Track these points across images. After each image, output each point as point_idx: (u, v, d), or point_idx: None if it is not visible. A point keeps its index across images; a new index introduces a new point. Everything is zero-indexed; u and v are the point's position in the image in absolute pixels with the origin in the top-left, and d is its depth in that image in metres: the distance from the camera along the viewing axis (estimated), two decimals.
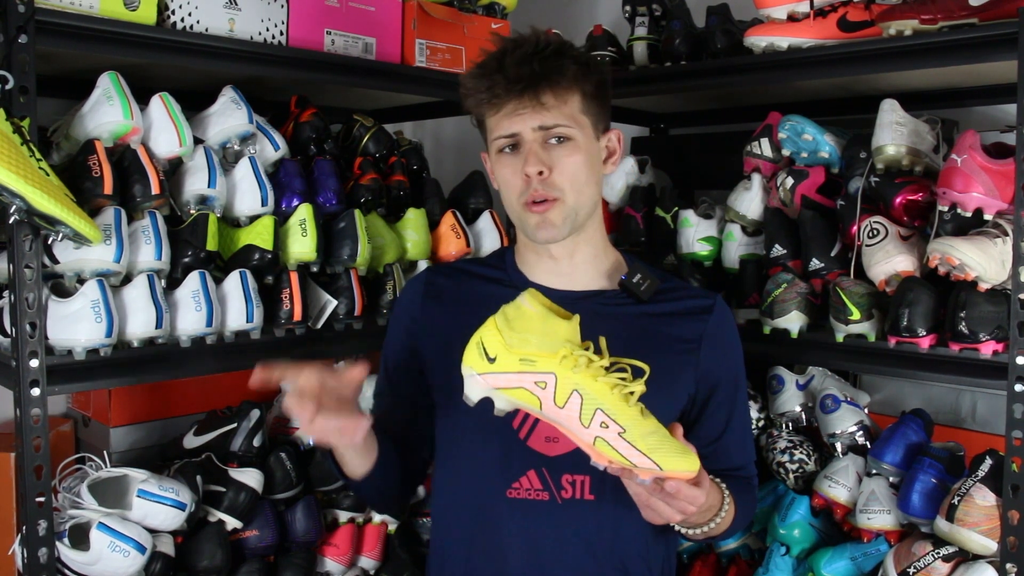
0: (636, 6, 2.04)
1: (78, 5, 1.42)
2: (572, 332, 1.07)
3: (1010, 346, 1.41)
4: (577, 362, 1.05)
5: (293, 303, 1.64)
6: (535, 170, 1.24)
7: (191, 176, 1.58)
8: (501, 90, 1.24)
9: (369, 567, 1.84)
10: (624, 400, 1.07)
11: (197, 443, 1.74)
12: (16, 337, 1.36)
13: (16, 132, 1.29)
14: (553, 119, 1.25)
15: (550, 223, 1.27)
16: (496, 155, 1.30)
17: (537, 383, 1.06)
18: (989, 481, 1.42)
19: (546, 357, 1.06)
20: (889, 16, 1.54)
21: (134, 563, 1.45)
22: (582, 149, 1.28)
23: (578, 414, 1.06)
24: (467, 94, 1.30)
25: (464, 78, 1.31)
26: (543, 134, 1.26)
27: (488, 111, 1.29)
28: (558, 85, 1.25)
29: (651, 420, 1.08)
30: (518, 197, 1.28)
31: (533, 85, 1.24)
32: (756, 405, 1.85)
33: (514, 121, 1.26)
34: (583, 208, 1.30)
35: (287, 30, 1.68)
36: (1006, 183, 1.44)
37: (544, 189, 1.25)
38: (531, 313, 1.07)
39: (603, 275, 1.37)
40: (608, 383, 1.06)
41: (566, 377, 1.06)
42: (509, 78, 1.24)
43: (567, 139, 1.27)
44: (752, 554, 1.84)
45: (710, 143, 2.35)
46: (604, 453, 1.07)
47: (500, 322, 1.08)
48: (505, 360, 1.07)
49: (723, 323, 1.37)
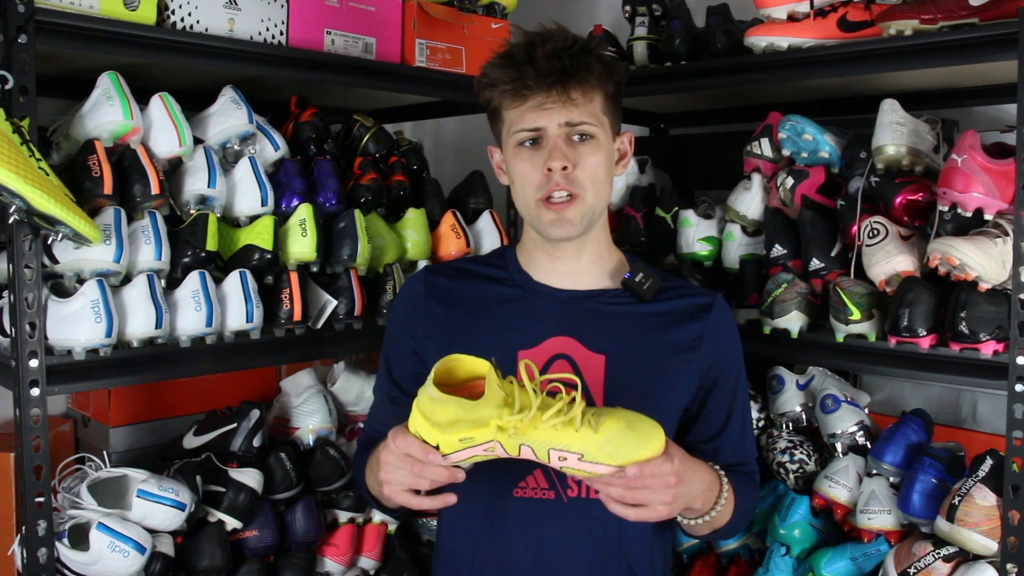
0: (636, 6, 2.04)
1: (78, 5, 1.41)
2: (492, 396, 1.05)
3: (1010, 346, 1.41)
4: (511, 426, 1.04)
5: (293, 303, 1.64)
6: (559, 164, 1.24)
7: (191, 176, 1.58)
8: (532, 82, 1.23)
9: (369, 567, 1.84)
10: (570, 428, 1.06)
11: (197, 443, 1.74)
12: (16, 337, 1.36)
13: (16, 132, 1.29)
14: (580, 116, 1.25)
15: (567, 221, 1.27)
16: (514, 148, 1.29)
17: (486, 449, 1.08)
18: (989, 481, 1.42)
19: (480, 431, 1.05)
20: (889, 16, 1.54)
21: (134, 563, 1.44)
22: (603, 148, 1.28)
23: (534, 456, 1.08)
24: (488, 84, 1.28)
25: (487, 67, 1.29)
26: (569, 130, 1.26)
27: (511, 103, 1.27)
28: (586, 83, 1.25)
29: (604, 427, 1.07)
30: (535, 192, 1.28)
31: (563, 80, 1.23)
32: (756, 405, 1.85)
33: (540, 115, 1.25)
34: (599, 207, 1.31)
35: (287, 30, 1.68)
36: (1006, 183, 1.44)
37: (566, 183, 1.25)
38: (443, 404, 1.05)
39: (607, 274, 1.37)
40: (549, 426, 1.05)
41: (507, 439, 1.06)
42: (539, 71, 1.23)
43: (590, 137, 1.27)
44: (752, 554, 1.84)
45: (710, 143, 2.35)
46: (575, 474, 1.10)
47: (425, 413, 1.07)
48: (448, 444, 1.07)
49: (723, 321, 1.38)
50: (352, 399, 1.95)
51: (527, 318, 1.33)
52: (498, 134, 1.34)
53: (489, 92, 1.29)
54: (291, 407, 1.85)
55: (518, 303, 1.35)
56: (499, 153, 1.37)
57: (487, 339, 1.32)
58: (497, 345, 1.30)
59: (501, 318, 1.34)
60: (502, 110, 1.30)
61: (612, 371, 1.29)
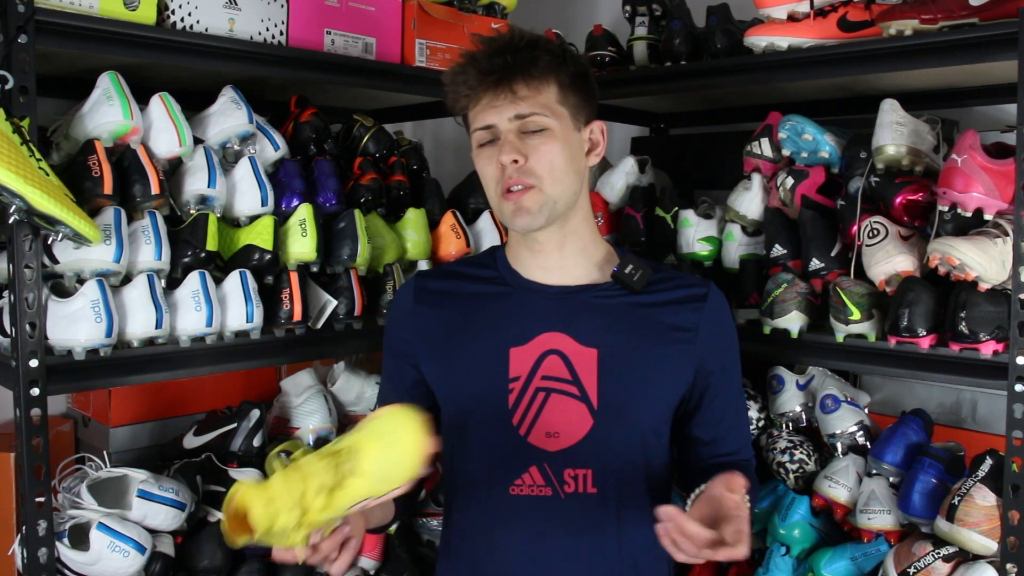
0: (636, 6, 2.04)
1: (78, 5, 1.41)
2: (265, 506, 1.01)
3: (1010, 346, 1.41)
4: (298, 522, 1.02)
5: (293, 303, 1.64)
6: (509, 158, 1.25)
7: (191, 176, 1.58)
8: (475, 81, 1.26)
9: (369, 567, 1.84)
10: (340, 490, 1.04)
11: (197, 443, 1.74)
12: (16, 337, 1.36)
13: (16, 132, 1.29)
14: (528, 108, 1.26)
15: (525, 209, 1.27)
16: (476, 150, 1.31)
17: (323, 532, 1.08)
18: (989, 481, 1.42)
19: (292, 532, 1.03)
20: (889, 16, 1.54)
21: (134, 563, 1.45)
22: (559, 138, 1.28)
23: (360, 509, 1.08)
24: (447, 93, 1.32)
25: (443, 77, 1.33)
26: (519, 123, 1.27)
27: (467, 105, 1.30)
28: (531, 76, 1.26)
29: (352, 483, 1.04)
30: (495, 186, 1.29)
31: (506, 76, 1.25)
32: (756, 405, 1.85)
33: (489, 113, 1.27)
34: (562, 198, 1.29)
35: (287, 30, 1.68)
36: (1006, 183, 1.44)
37: (519, 176, 1.26)
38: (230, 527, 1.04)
39: (595, 267, 1.37)
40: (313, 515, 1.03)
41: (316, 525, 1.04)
42: (481, 70, 1.25)
43: (543, 128, 1.27)
44: (752, 554, 1.84)
45: (710, 143, 2.35)
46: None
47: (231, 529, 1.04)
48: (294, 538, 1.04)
49: (719, 311, 1.38)
50: (352, 399, 1.95)
51: (518, 315, 1.33)
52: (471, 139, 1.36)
53: (450, 100, 1.32)
54: (291, 407, 1.85)
55: (508, 301, 1.35)
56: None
57: (478, 338, 1.33)
58: (488, 343, 1.31)
59: (492, 316, 1.34)
60: (467, 115, 1.32)
61: (605, 364, 1.29)
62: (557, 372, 1.29)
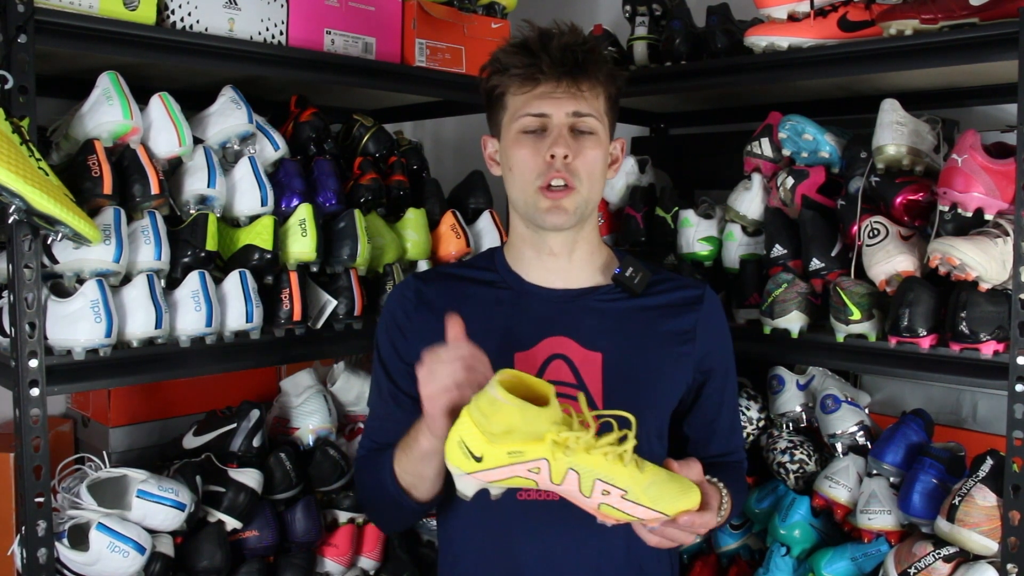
0: (636, 6, 2.04)
1: (78, 5, 1.41)
2: (553, 412, 1.04)
3: (1011, 346, 1.40)
4: (567, 444, 1.04)
5: (293, 303, 1.64)
6: (563, 152, 1.26)
7: (191, 176, 1.58)
8: (546, 68, 1.25)
9: (369, 567, 1.83)
10: (620, 462, 1.06)
11: (197, 443, 1.74)
12: (15, 337, 1.36)
13: (16, 132, 1.29)
14: (587, 108, 1.28)
15: (563, 209, 1.28)
16: (515, 135, 1.30)
17: (530, 470, 1.06)
18: (990, 481, 1.42)
19: (533, 445, 1.03)
20: (889, 16, 1.54)
21: (133, 563, 1.44)
22: (602, 144, 1.30)
23: (578, 487, 1.06)
24: (499, 69, 1.30)
25: (499, 53, 1.31)
26: (574, 120, 1.27)
27: (519, 88, 1.29)
28: (595, 79, 1.28)
29: (648, 469, 1.08)
30: (535, 178, 1.28)
31: (574, 72, 1.26)
32: (756, 405, 1.85)
33: (547, 102, 1.27)
34: (591, 202, 1.31)
35: (287, 30, 1.68)
36: (1007, 183, 1.44)
37: (566, 172, 1.27)
38: (506, 406, 1.02)
39: (597, 271, 1.37)
40: (601, 452, 1.05)
41: (559, 459, 1.04)
42: (553, 60, 1.25)
43: (592, 132, 1.29)
44: (752, 554, 1.84)
45: (710, 143, 2.35)
46: (610, 515, 1.08)
47: (477, 418, 1.04)
48: (492, 457, 1.05)
49: (714, 312, 1.39)
50: (352, 399, 1.95)
51: (521, 320, 1.33)
52: (497, 123, 1.34)
53: (497, 78, 1.31)
54: (291, 407, 1.85)
55: (511, 305, 1.34)
56: (493, 144, 1.37)
57: (482, 343, 1.31)
58: (492, 348, 1.28)
59: (495, 321, 1.33)
60: (507, 96, 1.30)
61: (609, 368, 1.29)
62: (562, 377, 1.29)
